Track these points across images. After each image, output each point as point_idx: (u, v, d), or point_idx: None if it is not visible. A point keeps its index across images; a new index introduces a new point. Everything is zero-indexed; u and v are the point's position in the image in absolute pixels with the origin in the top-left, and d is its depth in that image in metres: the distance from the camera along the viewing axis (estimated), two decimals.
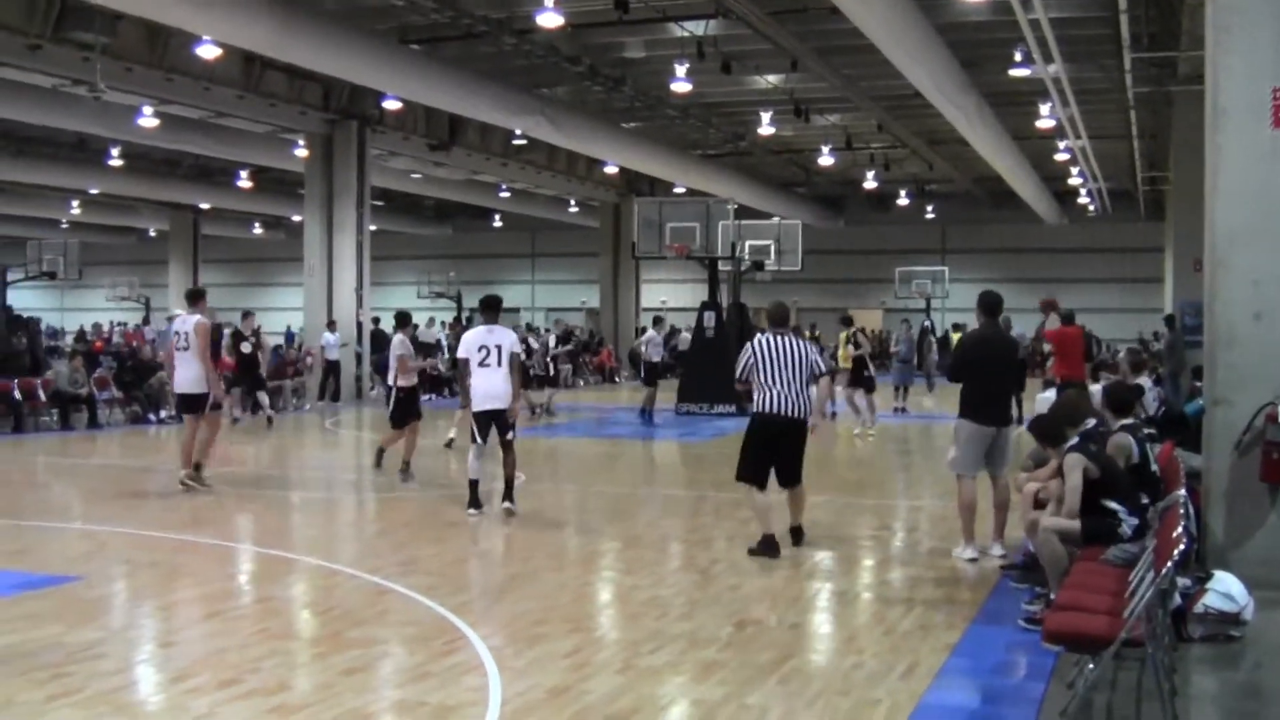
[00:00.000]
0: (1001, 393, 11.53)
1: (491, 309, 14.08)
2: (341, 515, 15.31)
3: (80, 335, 46.53)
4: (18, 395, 24.46)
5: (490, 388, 13.62)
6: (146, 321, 52.30)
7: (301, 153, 33.86)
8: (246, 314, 24.32)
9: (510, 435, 13.80)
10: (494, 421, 13.68)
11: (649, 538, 12.96)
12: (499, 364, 13.65)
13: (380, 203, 41.58)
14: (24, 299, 52.52)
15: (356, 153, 32.57)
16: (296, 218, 43.39)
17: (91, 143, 37.27)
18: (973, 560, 11.15)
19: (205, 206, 51.05)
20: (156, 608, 9.56)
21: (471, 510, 13.80)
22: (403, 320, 18.43)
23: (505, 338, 13.88)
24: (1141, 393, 14.36)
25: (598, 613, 9.40)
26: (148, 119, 30.13)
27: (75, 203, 49.52)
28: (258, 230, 59.38)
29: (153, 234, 58.85)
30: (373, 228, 34.21)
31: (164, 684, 7.49)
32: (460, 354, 13.97)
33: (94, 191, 46.01)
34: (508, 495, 13.83)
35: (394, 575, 10.43)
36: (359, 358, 33.17)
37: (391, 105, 31.11)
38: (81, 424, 25.40)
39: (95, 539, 12.69)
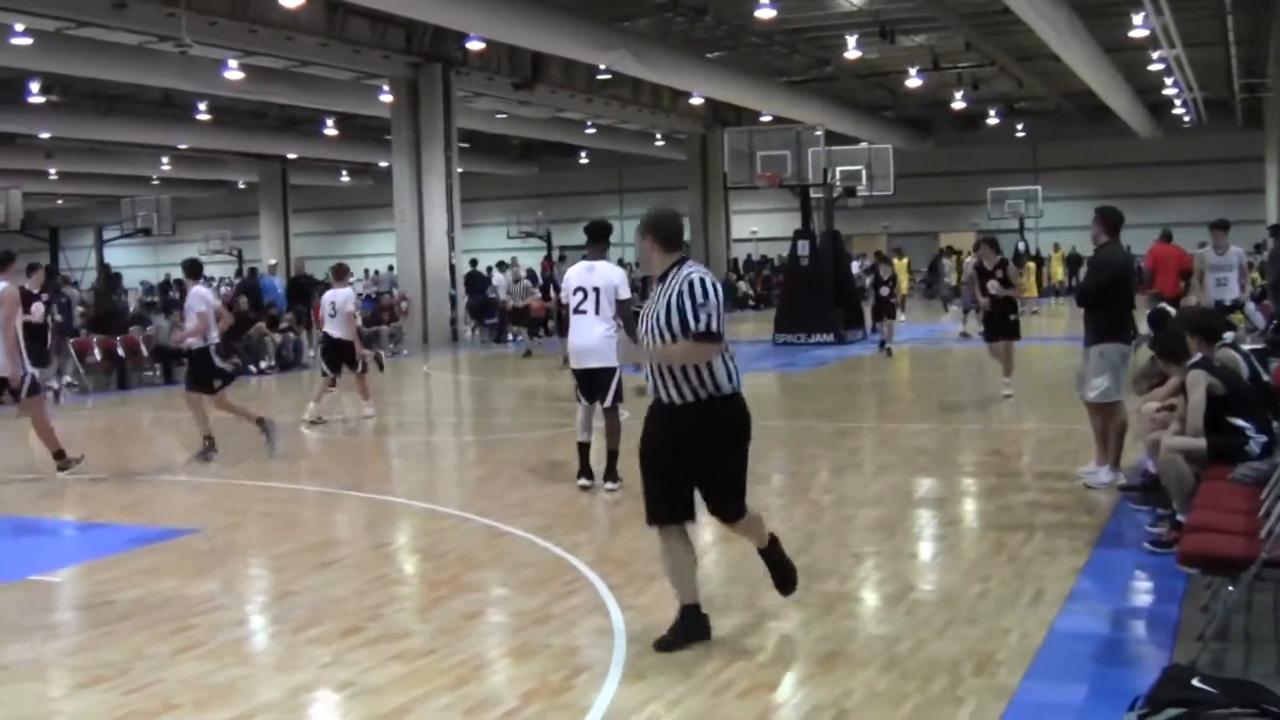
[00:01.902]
0: (1131, 312, 11.22)
1: (597, 239, 11.63)
2: (446, 459, 15.33)
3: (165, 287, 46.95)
4: (121, 351, 24.75)
5: (585, 341, 11.32)
6: (240, 274, 52.70)
7: (386, 98, 33.85)
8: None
9: (610, 400, 11.50)
10: (593, 382, 11.51)
11: (757, 471, 12.74)
12: (596, 310, 11.22)
13: (466, 145, 41.50)
14: (120, 256, 53.20)
15: (442, 95, 32.50)
16: (384, 164, 43.50)
17: (179, 98, 37.51)
18: (1126, 487, 10.74)
19: (293, 156, 51.31)
20: (273, 558, 9.59)
21: (582, 480, 11.69)
22: (194, 270, 15.36)
23: (607, 277, 11.33)
24: (1227, 315, 14.01)
25: (714, 548, 9.30)
26: (233, 72, 30.23)
27: (165, 159, 49.96)
28: (345, 178, 59.64)
29: (242, 186, 59.28)
30: (460, 170, 34.18)
31: (286, 634, 7.49)
32: (562, 296, 11.78)
33: (183, 147, 46.40)
34: (609, 474, 11.60)
35: (507, 518, 10.39)
36: (453, 300, 33.25)
37: (474, 46, 31.01)
38: (183, 378, 25.59)
39: (207, 491, 12.77)
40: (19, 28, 24.84)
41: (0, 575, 9.14)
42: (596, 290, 11.24)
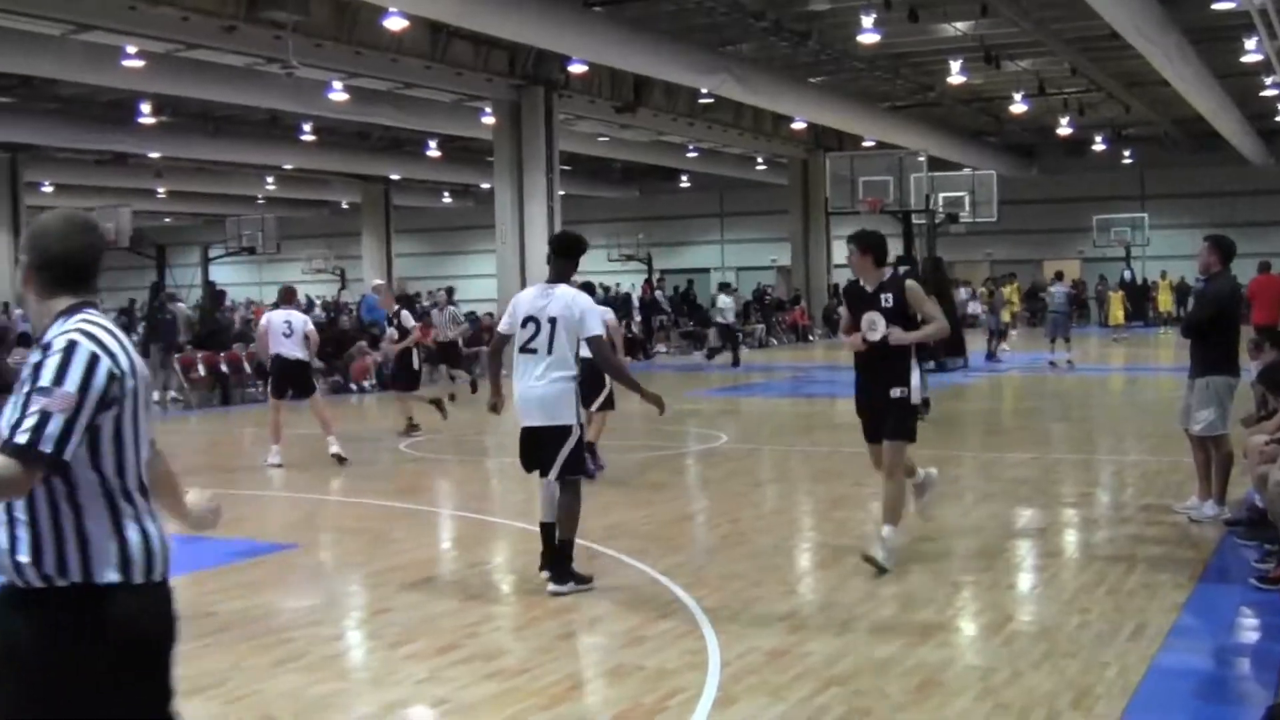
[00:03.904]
0: (1237, 344, 11.02)
1: (563, 254, 9.08)
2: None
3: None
4: (224, 368, 25.11)
5: (527, 389, 8.67)
6: (343, 292, 53.26)
7: (489, 120, 34.08)
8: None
9: (558, 471, 8.62)
10: (534, 445, 8.74)
11: (856, 498, 12.75)
12: (549, 348, 8.58)
13: (568, 167, 41.71)
14: (225, 274, 53.99)
15: (544, 118, 32.63)
16: (485, 185, 43.80)
17: (284, 119, 38.02)
18: (1232, 521, 10.52)
19: (396, 177, 51.79)
20: (370, 574, 9.66)
21: (546, 573, 8.79)
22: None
23: (567, 305, 8.64)
24: None
25: (811, 574, 9.27)
26: (338, 93, 30.60)
27: (270, 178, 50.66)
28: (447, 199, 60.14)
29: (345, 206, 59.94)
30: (561, 192, 34.33)
31: (382, 649, 7.55)
32: (500, 326, 9.31)
33: (288, 167, 47.00)
34: (555, 570, 8.71)
35: (602, 539, 10.39)
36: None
37: (577, 69, 31.16)
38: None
39: (306, 507, 12.93)
40: (131, 50, 25.30)
41: None
42: (553, 322, 8.57)
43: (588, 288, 14.61)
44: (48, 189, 46.09)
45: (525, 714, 6.24)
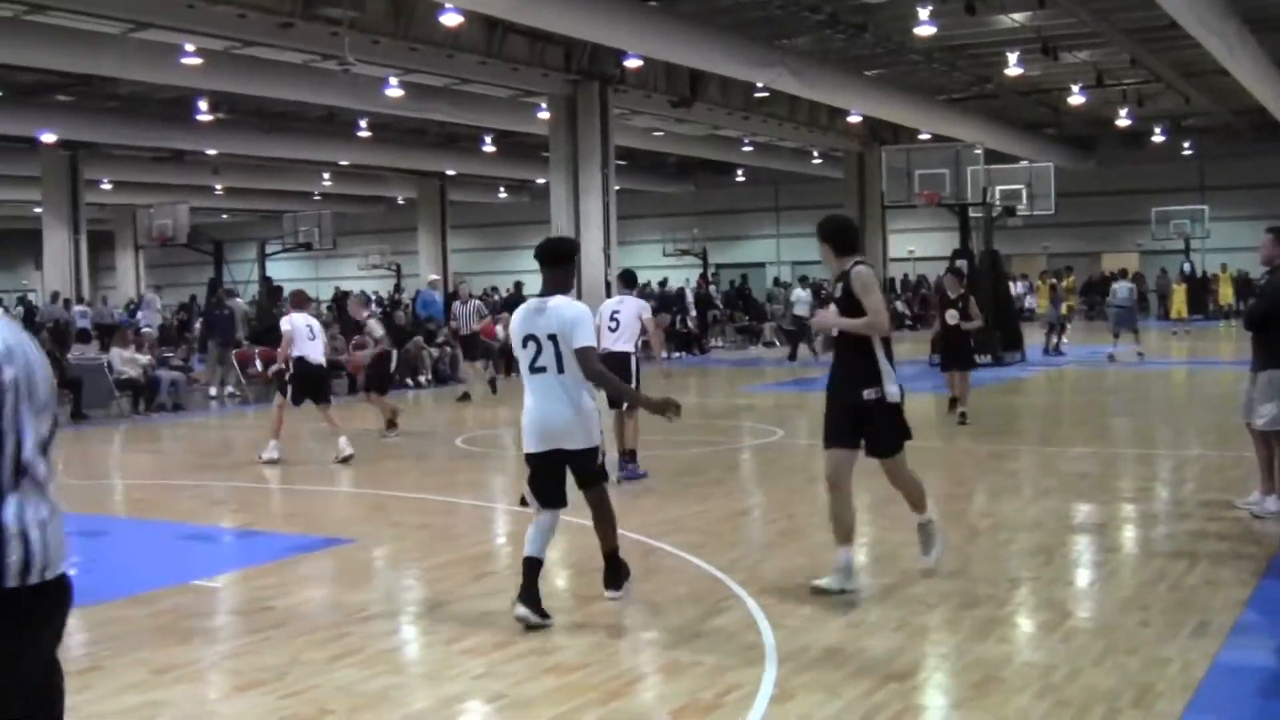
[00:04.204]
0: None
1: (551, 262, 8.10)
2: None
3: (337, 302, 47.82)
4: (282, 365, 25.21)
5: (550, 413, 7.91)
6: (399, 288, 53.45)
7: (545, 115, 34.13)
8: None
9: (594, 484, 8.21)
10: (558, 471, 8.05)
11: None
12: (559, 367, 7.83)
13: (623, 162, 41.67)
14: (282, 270, 54.28)
15: (599, 113, 32.67)
16: (541, 180, 43.86)
17: (341, 115, 38.21)
18: None
19: (451, 173, 51.94)
20: (427, 569, 9.68)
21: (521, 609, 7.78)
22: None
23: (561, 318, 7.82)
24: None
25: (868, 570, 9.21)
26: (394, 89, 30.71)
27: (326, 175, 50.92)
28: (503, 194, 60.27)
29: (401, 202, 60.16)
30: (616, 187, 34.35)
31: (439, 644, 7.55)
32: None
33: (344, 163, 47.24)
34: (611, 580, 8.42)
35: (659, 534, 10.38)
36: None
37: (633, 63, 31.16)
38: (342, 390, 26.07)
39: (364, 502, 12.97)
40: (189, 48, 25.52)
41: (164, 580, 9.37)
42: (553, 339, 7.78)
43: (628, 279, 14.51)
44: (106, 186, 46.51)
45: (582, 709, 6.23)
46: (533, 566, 7.84)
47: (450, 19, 24.43)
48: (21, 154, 38.83)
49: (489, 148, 45.01)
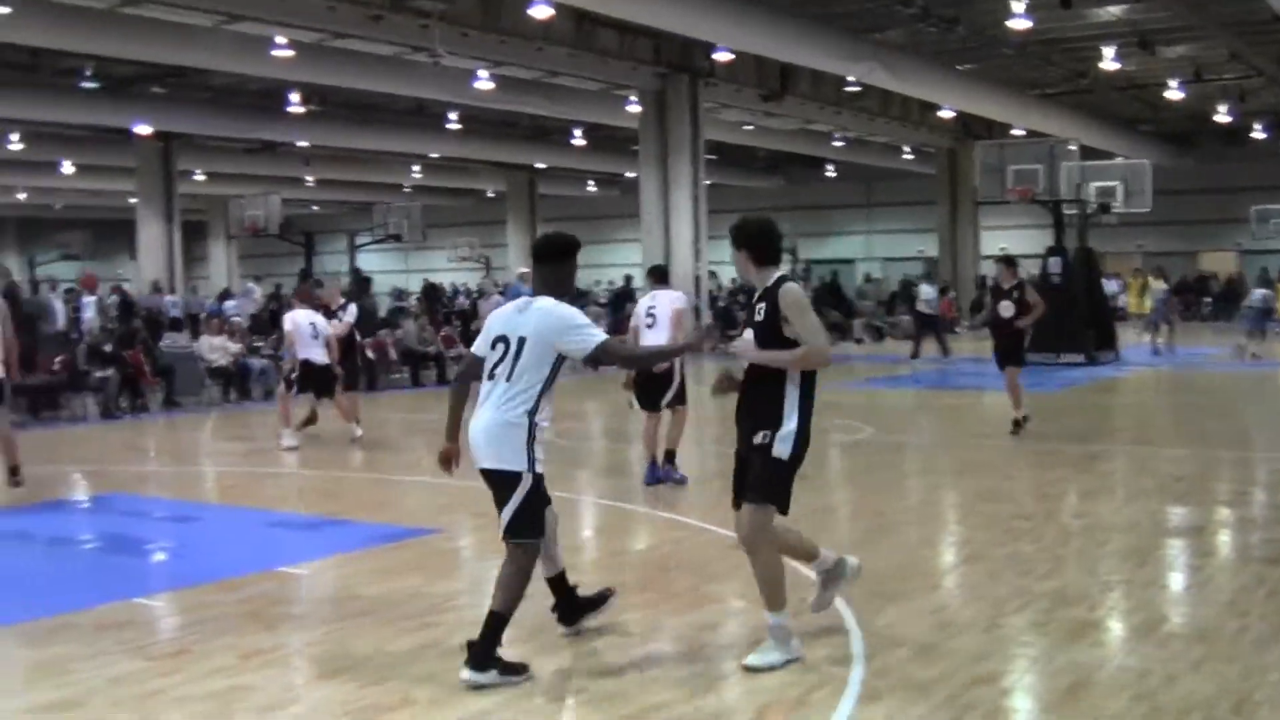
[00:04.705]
0: None
1: (547, 259, 7.15)
2: (688, 469, 15.26)
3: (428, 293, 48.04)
4: (370, 354, 25.37)
5: (477, 424, 6.83)
6: (491, 282, 53.62)
7: (634, 109, 34.09)
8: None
9: (502, 527, 6.86)
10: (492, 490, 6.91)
11: (1004, 492, 12.50)
12: (510, 375, 6.73)
13: (713, 156, 41.51)
14: (372, 261, 54.70)
15: (689, 106, 32.59)
16: (630, 174, 43.83)
17: (431, 107, 38.35)
18: None
19: (541, 166, 52.04)
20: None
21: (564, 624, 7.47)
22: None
23: (543, 322, 6.76)
24: None
25: (957, 569, 9.07)
26: (483, 82, 30.76)
27: (416, 167, 51.15)
28: (592, 188, 60.30)
29: (491, 195, 60.37)
30: (706, 181, 34.25)
31: (522, 636, 7.48)
32: (474, 345, 7.12)
33: (434, 155, 47.44)
34: (471, 655, 6.65)
35: None
36: (697, 312, 33.35)
37: (723, 57, 31.01)
38: (431, 380, 26.24)
39: (450, 492, 12.92)
40: (280, 40, 25.70)
41: (252, 566, 9.42)
42: (522, 343, 6.72)
43: (660, 274, 13.85)
44: (200, 177, 47.01)
45: (667, 705, 6.16)
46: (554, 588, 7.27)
47: (539, 11, 24.40)
48: (117, 145, 39.32)
49: (579, 141, 45.02)
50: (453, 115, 39.29)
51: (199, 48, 26.20)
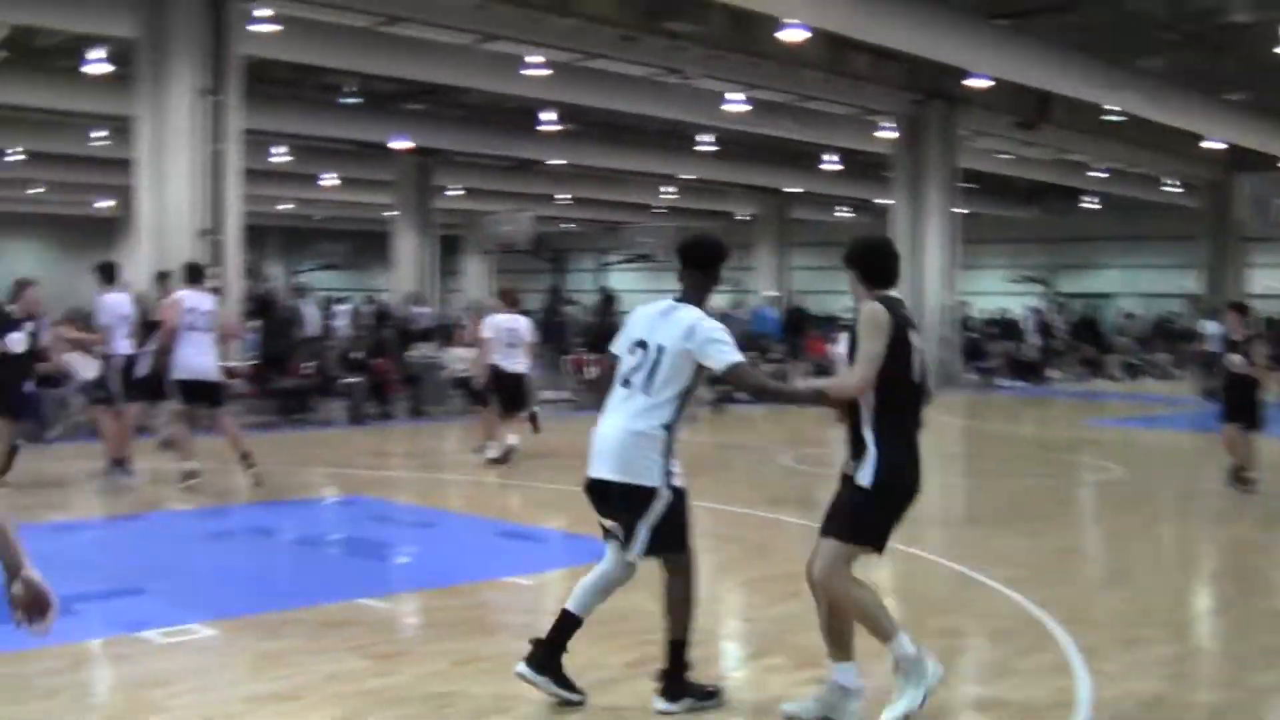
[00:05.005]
0: None
1: (695, 263, 6.81)
2: (927, 502, 14.88)
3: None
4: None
5: (605, 433, 6.60)
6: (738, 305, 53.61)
7: (886, 134, 33.72)
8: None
9: (639, 546, 6.60)
10: (606, 503, 6.73)
11: (1259, 544, 11.92)
12: (648, 383, 6.39)
13: (973, 185, 40.81)
14: (621, 281, 55.17)
15: (943, 133, 32.13)
16: (881, 200, 43.36)
17: (683, 129, 38.48)
18: None
19: (792, 190, 51.85)
20: (737, 584, 9.57)
21: (551, 689, 6.54)
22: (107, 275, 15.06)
23: (684, 330, 6.40)
24: None
25: (1201, 619, 8.66)
26: (735, 104, 30.74)
27: (668, 188, 51.40)
28: (843, 213, 59.86)
29: (741, 218, 60.37)
30: (961, 210, 33.70)
31: (743, 661, 7.44)
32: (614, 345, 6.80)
33: (686, 176, 47.60)
34: (670, 685, 6.57)
35: (981, 565, 9.96)
36: (948, 343, 32.86)
37: (978, 83, 30.45)
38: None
39: None
40: (533, 59, 26.06)
41: (480, 574, 9.55)
42: (661, 351, 6.37)
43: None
44: (456, 192, 47.98)
45: None
46: (564, 624, 6.64)
47: (792, 35, 24.27)
48: (376, 159, 40.35)
49: (830, 165, 44.70)
50: (705, 137, 39.37)
51: (455, 66, 26.73)
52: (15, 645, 7.55)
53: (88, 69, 24.48)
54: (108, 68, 24.15)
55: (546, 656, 6.42)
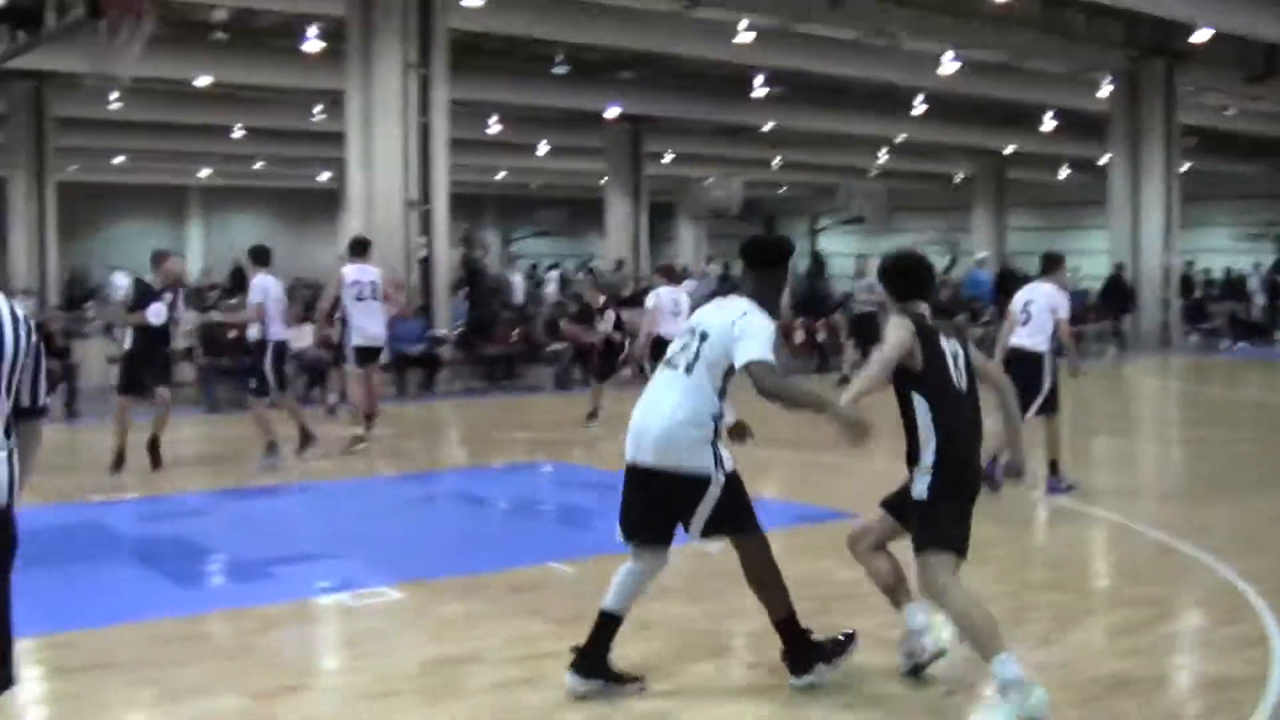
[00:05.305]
0: None
1: (760, 261, 6.57)
2: (1133, 467, 14.62)
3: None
4: (820, 336, 25.53)
5: (649, 418, 6.24)
6: (949, 269, 52.90)
7: (1104, 92, 32.90)
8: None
9: (699, 526, 6.28)
10: (647, 493, 6.30)
11: None
12: (690, 366, 6.16)
13: (1194, 139, 39.54)
14: (834, 244, 54.80)
15: (1163, 90, 31.25)
16: (1101, 159, 42.32)
17: (896, 91, 38.03)
18: None
19: (1009, 151, 50.88)
20: None
21: (575, 679, 6.22)
22: (259, 257, 14.00)
23: (728, 319, 6.22)
24: None
25: None
26: (947, 65, 30.27)
27: (882, 150, 50.86)
28: (1063, 173, 58.53)
29: (958, 179, 59.43)
30: (1182, 167, 32.74)
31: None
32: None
33: (899, 139, 47.04)
34: (793, 660, 6.38)
35: (1181, 534, 9.71)
36: (1166, 304, 32.03)
37: (1201, 37, 29.47)
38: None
39: (872, 476, 12.79)
40: (743, 25, 26.01)
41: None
42: (704, 338, 6.19)
43: (1050, 262, 12.69)
44: (667, 159, 48.16)
45: (1060, 709, 5.89)
46: (604, 623, 6.30)
47: None
48: (588, 127, 40.70)
49: (1048, 125, 43.74)
50: (918, 99, 38.85)
51: (663, 33, 26.87)
52: (211, 606, 7.94)
53: (305, 46, 25.20)
54: (320, 45, 24.82)
55: (593, 661, 6.23)
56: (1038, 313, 11.75)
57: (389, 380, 20.57)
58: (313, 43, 24.94)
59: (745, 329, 6.06)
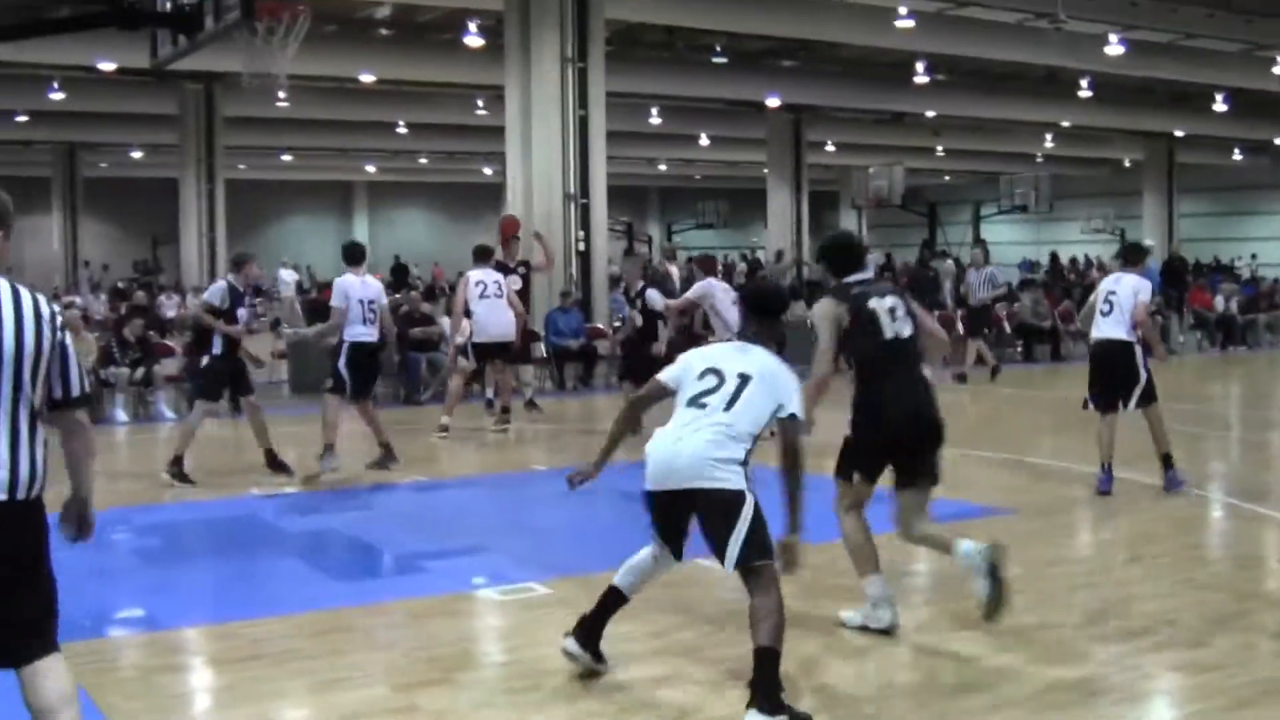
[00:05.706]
0: None
1: (763, 313, 6.76)
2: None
3: (1054, 265, 47.08)
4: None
5: (674, 445, 6.14)
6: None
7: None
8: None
9: (736, 553, 5.93)
10: (674, 514, 6.30)
11: None
12: (725, 405, 6.10)
13: None
14: (997, 232, 54.02)
15: None
16: (1278, 140, 41.17)
17: (1061, 75, 37.35)
18: None
19: (1180, 134, 49.65)
20: (1079, 546, 9.35)
21: (571, 644, 6.46)
22: (350, 255, 13.16)
23: (768, 367, 6.28)
24: None
25: None
26: (1114, 47, 29.64)
27: (1048, 136, 50.01)
28: (1238, 156, 56.99)
29: (1127, 164, 58.16)
30: None
31: (1068, 626, 7.19)
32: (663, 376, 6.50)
33: (1065, 124, 46.20)
34: (761, 696, 5.68)
35: None
36: None
37: None
38: (1044, 356, 25.72)
39: (1036, 472, 12.63)
40: (903, 11, 25.75)
41: (825, 535, 9.51)
42: (744, 379, 6.19)
43: (1133, 253, 12.32)
44: (830, 148, 47.90)
45: (1206, 713, 5.75)
46: (609, 599, 6.49)
47: None
48: (749, 117, 40.63)
49: (1220, 106, 42.60)
50: (1084, 82, 38.11)
51: (823, 21, 26.73)
52: (362, 600, 8.08)
53: (467, 40, 25.50)
54: (480, 41, 25.10)
55: (589, 633, 6.41)
56: (1121, 302, 11.31)
57: (545, 374, 20.78)
58: (473, 37, 25.22)
59: (791, 379, 6.24)
